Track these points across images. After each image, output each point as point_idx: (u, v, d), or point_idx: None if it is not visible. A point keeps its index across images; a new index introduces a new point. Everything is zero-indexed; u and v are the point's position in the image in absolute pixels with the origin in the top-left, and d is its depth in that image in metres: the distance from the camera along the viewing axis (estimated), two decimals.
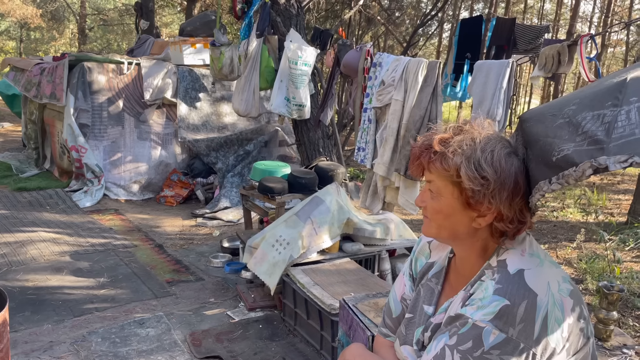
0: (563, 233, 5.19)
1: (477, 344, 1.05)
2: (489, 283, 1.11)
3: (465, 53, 4.21)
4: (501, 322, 1.04)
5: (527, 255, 1.14)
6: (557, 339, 1.06)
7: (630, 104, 0.99)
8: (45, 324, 3.22)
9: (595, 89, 1.16)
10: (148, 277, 3.99)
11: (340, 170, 4.17)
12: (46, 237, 4.70)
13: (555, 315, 1.07)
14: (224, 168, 6.22)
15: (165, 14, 21.88)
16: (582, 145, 1.03)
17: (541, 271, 1.12)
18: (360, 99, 3.61)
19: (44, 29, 23.01)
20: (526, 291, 1.07)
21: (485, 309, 1.07)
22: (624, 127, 0.96)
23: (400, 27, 10.15)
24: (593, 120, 1.05)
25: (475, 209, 1.12)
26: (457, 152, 1.11)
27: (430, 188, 1.17)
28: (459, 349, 1.08)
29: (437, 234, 1.20)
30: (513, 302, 1.05)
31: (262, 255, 3.48)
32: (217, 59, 5.29)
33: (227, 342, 3.11)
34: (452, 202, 1.13)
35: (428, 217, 1.20)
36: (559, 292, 1.10)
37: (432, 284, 1.35)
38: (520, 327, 1.04)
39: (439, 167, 1.12)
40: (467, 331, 1.08)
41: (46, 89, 6.44)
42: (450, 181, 1.12)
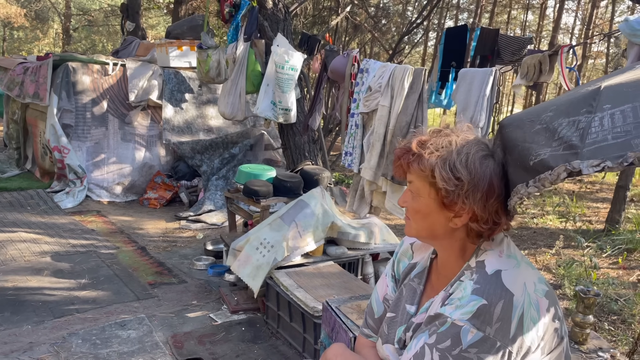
0: (542, 239, 5.28)
1: (456, 343, 1.08)
2: (468, 283, 1.15)
3: (451, 61, 4.28)
4: (479, 321, 1.08)
5: (504, 256, 1.18)
6: (533, 337, 1.10)
7: (604, 111, 1.04)
8: (25, 324, 3.18)
9: (571, 96, 1.21)
10: (130, 279, 3.96)
11: (325, 175, 4.20)
12: (27, 238, 4.64)
13: (531, 314, 1.10)
14: (208, 171, 6.21)
15: (151, 16, 21.77)
16: (558, 150, 1.07)
17: (518, 272, 1.15)
18: (347, 104, 3.64)
19: (28, 28, 22.74)
20: (503, 291, 1.10)
21: (464, 308, 1.10)
22: (597, 132, 1.01)
23: (386, 34, 10.26)
24: (568, 127, 1.09)
25: (451, 209, 1.16)
26: (434, 154, 1.15)
27: (410, 189, 1.21)
28: (438, 348, 1.10)
29: (417, 233, 1.24)
30: (490, 301, 1.09)
31: (245, 258, 3.48)
32: (204, 62, 5.29)
33: (209, 345, 3.10)
34: (429, 202, 1.17)
35: (409, 218, 1.24)
36: (534, 292, 1.14)
37: (414, 284, 1.38)
38: (497, 326, 1.07)
39: (416, 167, 1.16)
40: (445, 330, 1.11)
41: (29, 88, 6.37)
42: (427, 182, 1.16)
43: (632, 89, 1.04)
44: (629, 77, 1.11)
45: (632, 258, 4.84)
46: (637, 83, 1.06)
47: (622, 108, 1.01)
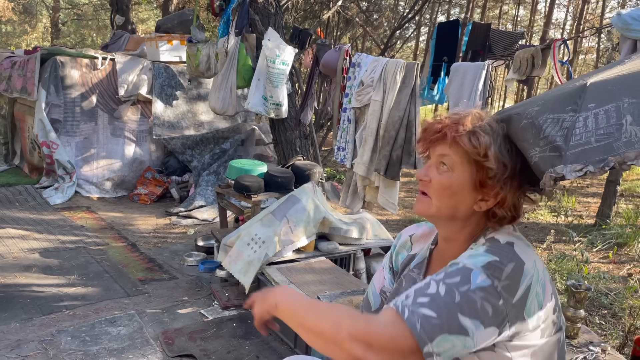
0: (534, 234, 5.30)
1: (465, 281, 1.05)
2: (480, 247, 1.13)
3: (442, 56, 4.27)
4: (489, 271, 1.05)
5: (514, 237, 1.17)
6: (532, 315, 1.08)
7: (589, 110, 1.02)
8: (13, 322, 3.14)
9: (559, 92, 1.20)
10: (120, 276, 3.93)
11: (317, 170, 4.18)
12: (15, 234, 4.58)
13: (537, 291, 1.09)
14: (199, 166, 6.17)
15: (141, 10, 21.58)
16: (545, 151, 1.06)
17: (529, 250, 1.15)
18: (339, 99, 3.62)
19: (16, 22, 22.45)
20: (515, 256, 1.09)
21: (476, 258, 1.08)
22: (581, 134, 1.00)
23: (378, 29, 10.23)
24: (553, 124, 1.08)
25: (484, 191, 1.16)
26: (488, 133, 1.15)
27: (443, 161, 1.17)
28: (446, 282, 1.06)
29: (437, 211, 1.19)
30: (502, 260, 1.07)
31: (237, 253, 3.46)
32: (194, 56, 5.25)
33: (200, 341, 3.08)
34: (464, 179, 1.16)
35: (428, 194, 1.19)
36: (542, 273, 1.13)
37: (414, 274, 1.37)
38: (505, 283, 1.05)
39: (467, 142, 1.13)
40: (456, 269, 1.08)
41: (17, 82, 6.29)
42: (468, 159, 1.14)
43: (616, 86, 1.03)
44: (616, 74, 1.10)
45: (622, 252, 4.87)
46: (622, 80, 1.05)
47: (606, 108, 1.00)
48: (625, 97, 0.99)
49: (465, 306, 1.03)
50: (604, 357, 2.40)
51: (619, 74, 1.12)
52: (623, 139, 0.93)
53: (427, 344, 1.01)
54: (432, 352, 1.02)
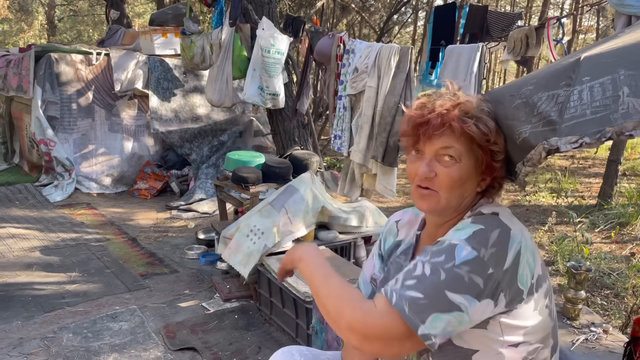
0: (535, 216, 5.28)
1: (449, 258, 1.05)
2: (465, 220, 1.14)
3: (440, 40, 4.22)
4: (474, 241, 1.05)
5: (501, 207, 1.18)
6: (526, 282, 1.07)
7: (583, 84, 1.00)
8: (15, 320, 3.15)
9: (552, 69, 1.17)
10: (121, 271, 3.93)
11: (315, 159, 4.15)
12: (15, 233, 4.59)
13: (527, 258, 1.08)
14: (198, 159, 6.15)
15: (137, 4, 21.47)
16: (538, 126, 1.04)
17: (514, 219, 1.16)
18: (334, 87, 3.59)
19: (12, 20, 22.36)
20: (500, 223, 1.09)
21: (461, 231, 1.09)
22: (576, 107, 0.97)
23: (374, 15, 10.14)
24: (548, 101, 1.06)
25: (487, 172, 1.18)
26: (490, 116, 1.16)
27: (448, 154, 1.14)
28: (431, 262, 1.07)
29: (447, 204, 1.18)
30: (487, 227, 1.08)
31: (236, 245, 3.45)
32: (188, 48, 5.20)
33: (202, 334, 3.08)
34: (471, 167, 1.15)
35: (434, 189, 1.17)
36: (530, 240, 1.13)
37: (400, 261, 1.37)
38: (492, 251, 1.04)
39: (476, 131, 1.12)
40: (441, 248, 1.09)
41: (12, 81, 6.26)
42: (472, 146, 1.14)
43: (611, 59, 1.00)
44: (609, 47, 1.07)
45: (625, 232, 4.85)
46: (616, 52, 1.02)
47: (601, 80, 0.97)
48: (620, 69, 0.97)
49: (452, 282, 1.03)
50: (606, 337, 2.38)
51: (614, 46, 1.09)
52: (620, 110, 0.91)
53: (420, 326, 1.02)
54: (428, 333, 1.02)
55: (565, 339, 2.45)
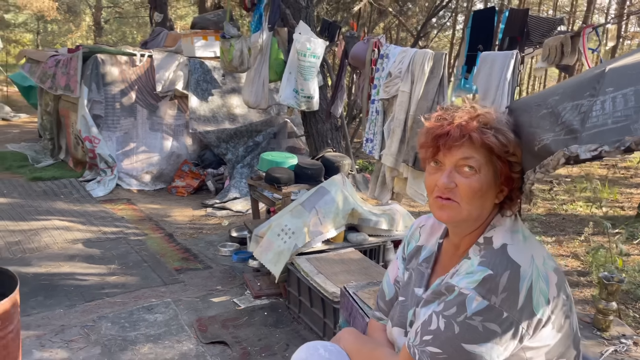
0: (572, 226, 5.18)
1: (461, 310, 1.10)
2: (475, 258, 1.16)
3: (478, 45, 4.20)
4: (484, 290, 1.08)
5: (511, 232, 1.20)
6: (543, 310, 1.10)
7: (606, 94, 1.02)
8: (57, 308, 3.32)
9: (579, 79, 1.19)
10: (157, 265, 4.08)
11: (346, 162, 4.20)
12: (60, 225, 4.81)
13: (540, 287, 1.10)
14: (233, 159, 6.29)
15: (179, 7, 21.98)
16: (560, 135, 1.06)
17: (525, 246, 1.17)
18: (367, 91, 3.64)
19: (61, 21, 23.25)
20: (509, 262, 1.11)
21: (470, 277, 1.12)
22: (598, 116, 0.99)
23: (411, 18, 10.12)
24: (572, 110, 1.08)
25: (505, 183, 1.19)
26: (509, 128, 1.19)
27: (468, 164, 1.16)
28: (444, 314, 1.12)
29: (468, 215, 1.19)
30: (496, 271, 1.10)
31: (267, 244, 3.54)
32: (227, 51, 5.34)
33: (232, 328, 3.18)
34: (490, 177, 1.17)
35: (455, 200, 1.18)
36: (543, 265, 1.14)
37: (422, 268, 1.40)
38: (503, 296, 1.07)
39: (496, 142, 1.15)
40: (453, 298, 1.13)
41: (61, 80, 6.55)
42: (491, 156, 1.16)
43: (635, 70, 1.02)
44: (635, 59, 1.09)
45: None
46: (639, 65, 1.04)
47: (624, 91, 0.99)
48: None
49: (467, 335, 1.08)
50: (636, 349, 2.35)
51: (638, 59, 1.11)
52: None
53: None
54: None
55: (594, 349, 2.43)
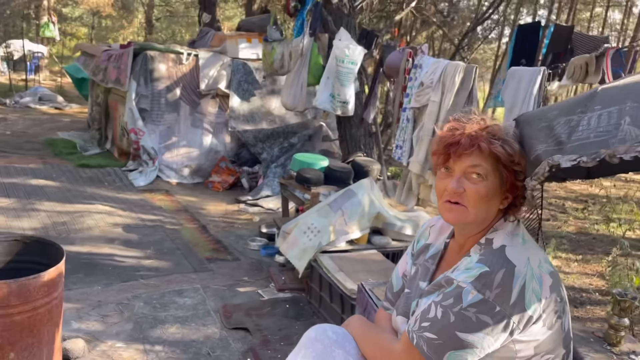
0: (601, 246, 5.13)
1: (457, 301, 1.22)
2: (475, 255, 1.28)
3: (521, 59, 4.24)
4: (480, 284, 1.20)
5: (512, 235, 1.31)
6: (535, 308, 1.20)
7: (594, 111, 1.13)
8: (96, 285, 3.57)
9: (577, 97, 1.30)
10: (190, 253, 4.30)
11: (376, 167, 4.32)
12: (102, 210, 5.11)
13: (533, 286, 1.21)
14: (268, 158, 6.50)
15: (227, 8, 22.55)
16: (550, 145, 1.17)
17: (522, 248, 1.28)
18: (399, 99, 3.75)
19: (115, 17, 24.21)
20: (505, 262, 1.22)
21: (468, 272, 1.24)
22: (583, 131, 1.10)
23: (454, 29, 10.13)
24: (564, 124, 1.19)
25: (510, 190, 1.30)
26: (515, 139, 1.29)
27: (476, 172, 1.26)
28: (442, 304, 1.24)
29: (474, 218, 1.30)
30: (492, 269, 1.21)
31: (294, 240, 3.70)
32: (269, 54, 5.55)
33: (255, 317, 3.34)
34: (496, 184, 1.28)
35: (463, 204, 1.29)
36: (538, 267, 1.25)
37: (428, 264, 1.52)
38: (497, 291, 1.18)
39: (502, 152, 1.25)
40: (451, 290, 1.25)
41: (112, 74, 6.92)
42: (497, 164, 1.26)
43: (623, 91, 1.12)
44: (626, 81, 1.19)
45: None
46: (630, 86, 1.14)
47: (609, 109, 1.10)
48: (628, 100, 1.09)
49: (462, 323, 1.20)
50: None
51: (630, 81, 1.21)
52: (619, 136, 1.04)
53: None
54: None
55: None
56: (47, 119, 10.19)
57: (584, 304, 3.80)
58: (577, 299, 3.86)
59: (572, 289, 4.05)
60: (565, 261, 4.67)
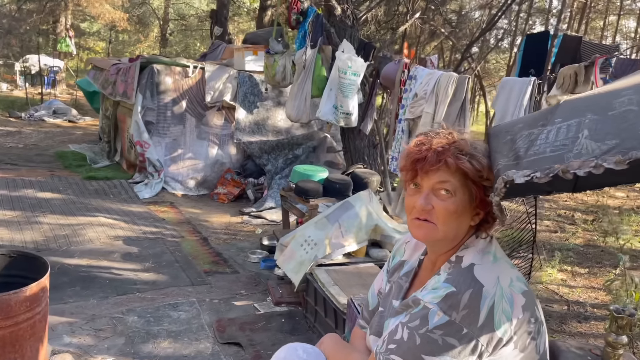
0: (610, 259, 5.00)
1: (423, 323, 1.17)
2: (443, 274, 1.24)
3: (530, 69, 4.19)
4: (446, 306, 1.15)
5: (483, 253, 1.26)
6: (505, 329, 1.14)
7: (554, 125, 1.08)
8: (92, 299, 3.57)
9: (543, 109, 1.25)
10: (188, 266, 4.29)
11: (375, 178, 4.28)
12: (105, 223, 5.14)
13: (503, 307, 1.15)
14: (272, 170, 6.49)
15: (241, 22, 22.79)
16: (510, 160, 1.13)
17: (492, 267, 1.23)
18: (395, 110, 3.72)
19: (131, 32, 24.63)
20: (473, 281, 1.18)
21: (435, 293, 1.19)
22: (540, 145, 1.06)
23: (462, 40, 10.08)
24: (525, 138, 1.15)
25: (480, 206, 1.25)
26: (484, 154, 1.25)
27: (444, 188, 1.22)
28: (408, 326, 1.20)
29: (444, 235, 1.26)
30: (459, 289, 1.17)
31: (290, 253, 3.66)
32: (271, 66, 5.56)
33: (249, 332, 3.31)
34: (466, 201, 1.24)
35: (432, 221, 1.25)
36: (509, 287, 1.19)
37: (402, 282, 1.48)
38: (463, 313, 1.13)
39: (470, 167, 1.21)
40: (417, 311, 1.21)
41: (120, 87, 7.00)
42: (466, 180, 1.22)
43: (585, 103, 1.08)
44: (591, 92, 1.14)
45: None
46: (592, 98, 1.09)
47: (569, 122, 1.05)
48: (589, 113, 1.04)
49: (428, 346, 1.15)
50: None
51: (593, 93, 1.16)
52: (574, 150, 0.99)
53: None
54: None
55: None
56: (59, 131, 10.35)
57: (589, 319, 3.69)
58: (581, 314, 3.75)
59: (577, 303, 3.94)
60: (571, 274, 4.56)
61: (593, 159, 0.93)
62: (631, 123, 0.90)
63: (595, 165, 0.91)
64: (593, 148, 0.95)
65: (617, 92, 1.03)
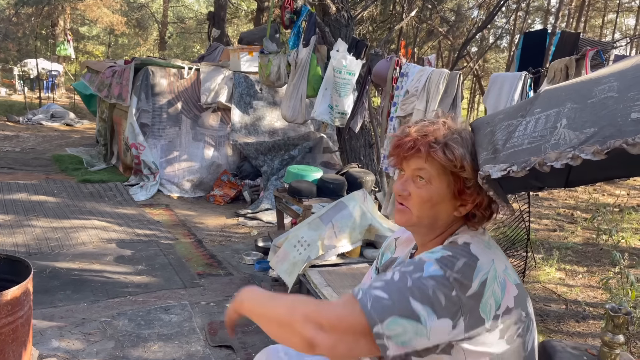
0: (609, 257, 4.93)
1: (418, 269, 1.12)
2: (438, 247, 1.21)
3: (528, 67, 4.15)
4: (442, 263, 1.12)
5: (477, 238, 1.22)
6: (489, 312, 1.09)
7: (533, 115, 1.03)
8: (82, 302, 3.52)
9: (525, 100, 1.20)
10: (182, 268, 4.24)
11: (370, 178, 4.23)
12: (98, 225, 5.10)
13: (494, 289, 1.11)
14: (268, 171, 6.45)
15: (240, 24, 22.79)
16: (489, 154, 1.08)
17: (488, 250, 1.19)
18: (387, 108, 3.67)
19: (130, 35, 24.65)
20: (468, 253, 1.14)
21: (432, 254, 1.16)
22: (519, 137, 1.01)
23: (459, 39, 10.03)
24: (504, 130, 1.10)
25: (463, 198, 1.22)
26: (460, 144, 1.20)
27: (419, 175, 1.22)
28: (401, 270, 1.14)
29: (418, 221, 1.25)
30: (455, 255, 1.13)
31: (284, 254, 3.61)
32: (265, 66, 5.52)
33: (241, 334, 3.26)
34: (442, 190, 1.21)
35: (407, 206, 1.26)
36: (503, 272, 1.15)
37: None
38: (456, 276, 1.09)
39: (442, 156, 1.18)
40: (413, 261, 1.17)
41: (115, 89, 6.97)
42: (445, 170, 1.20)
43: (564, 92, 1.03)
44: (572, 81, 1.09)
45: None
46: (572, 87, 1.04)
47: (548, 112, 1.00)
48: (569, 102, 1.00)
49: (417, 291, 1.08)
50: None
51: (574, 81, 1.11)
52: (552, 141, 0.94)
53: (377, 324, 1.05)
54: (383, 333, 1.05)
55: None
56: (57, 135, 10.33)
57: (587, 318, 3.63)
58: (579, 313, 3.69)
59: (575, 302, 3.89)
60: (569, 273, 4.50)
61: (570, 150, 0.88)
62: (610, 110, 0.85)
63: (573, 157, 0.86)
64: (571, 137, 0.90)
65: (599, 80, 0.98)
